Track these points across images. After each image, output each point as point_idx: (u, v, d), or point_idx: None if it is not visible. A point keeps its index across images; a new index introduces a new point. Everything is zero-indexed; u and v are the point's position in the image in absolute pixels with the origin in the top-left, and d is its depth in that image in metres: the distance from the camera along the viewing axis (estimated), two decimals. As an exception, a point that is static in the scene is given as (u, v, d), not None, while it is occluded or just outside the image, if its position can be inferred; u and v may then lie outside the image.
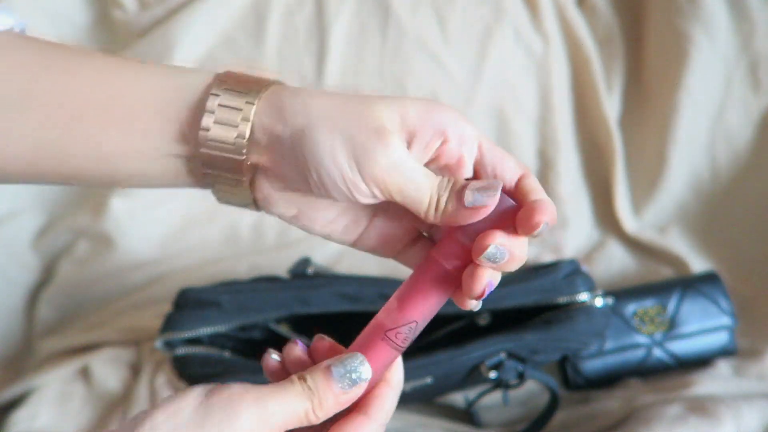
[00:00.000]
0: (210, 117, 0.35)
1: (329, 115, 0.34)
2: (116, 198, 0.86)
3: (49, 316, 0.84)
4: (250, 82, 0.36)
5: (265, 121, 0.35)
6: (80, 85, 0.36)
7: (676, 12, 0.84)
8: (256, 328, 0.67)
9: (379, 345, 0.36)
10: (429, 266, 0.36)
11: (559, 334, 0.63)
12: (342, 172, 0.34)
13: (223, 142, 0.35)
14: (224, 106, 0.35)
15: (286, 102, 0.35)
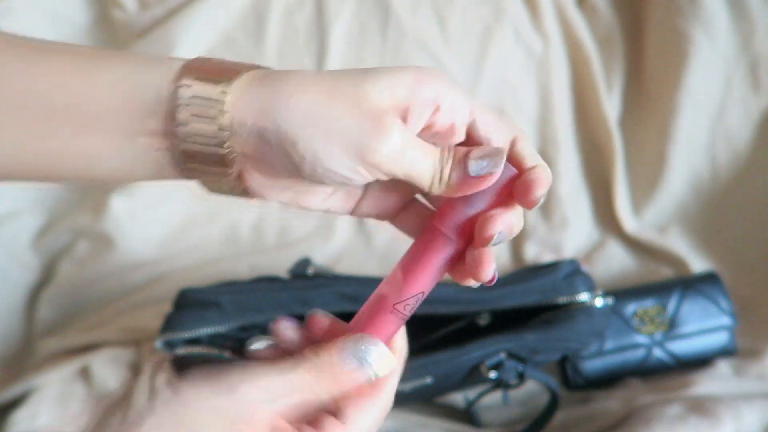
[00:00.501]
0: (185, 110, 0.33)
1: (319, 113, 0.33)
2: (116, 198, 0.86)
3: (49, 316, 0.84)
4: (223, 70, 0.34)
5: (246, 115, 0.33)
6: (46, 85, 0.34)
7: (676, 12, 0.84)
8: (256, 328, 0.67)
9: (388, 318, 0.35)
10: (432, 237, 0.36)
11: (559, 334, 0.63)
12: (342, 166, 0.33)
13: (204, 135, 0.33)
14: (197, 97, 0.33)
15: (268, 97, 0.33)
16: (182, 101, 0.33)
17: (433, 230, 0.36)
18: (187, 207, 0.90)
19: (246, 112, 0.33)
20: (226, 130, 0.33)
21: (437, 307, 0.63)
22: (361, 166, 0.33)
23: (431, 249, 0.35)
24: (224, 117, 0.33)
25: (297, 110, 0.33)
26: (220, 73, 0.34)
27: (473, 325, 0.66)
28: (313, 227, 0.91)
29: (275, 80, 0.34)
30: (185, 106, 0.33)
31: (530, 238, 0.89)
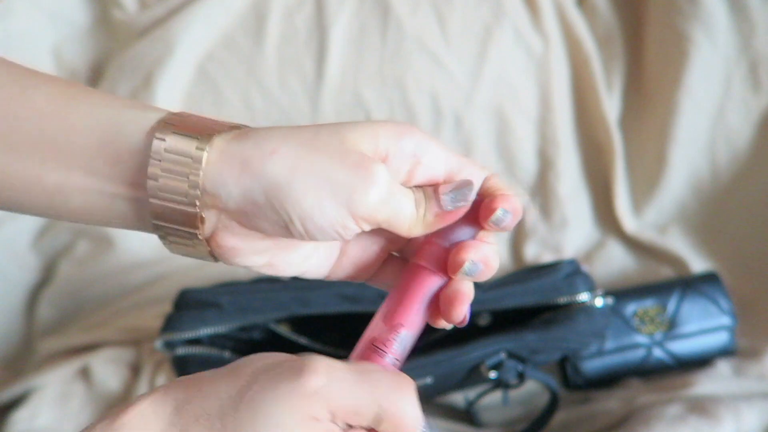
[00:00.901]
0: (156, 165, 0.32)
1: (304, 166, 0.32)
2: (116, 198, 0.86)
3: (49, 316, 0.84)
4: (199, 126, 0.33)
5: (226, 174, 0.32)
6: (17, 117, 0.33)
7: (676, 12, 0.84)
8: (256, 328, 0.67)
9: (371, 358, 0.34)
10: (411, 271, 0.36)
11: (559, 334, 0.63)
12: (332, 219, 0.32)
13: (173, 193, 0.32)
14: (171, 152, 0.32)
15: (249, 153, 0.32)
16: (155, 155, 0.32)
17: (412, 267, 0.36)
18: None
19: (226, 170, 0.32)
20: (198, 189, 0.32)
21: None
22: (349, 218, 0.33)
23: (410, 282, 0.35)
24: (198, 176, 0.32)
25: (282, 165, 0.32)
26: (197, 130, 0.33)
27: (473, 325, 0.66)
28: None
29: (254, 136, 0.33)
30: (157, 160, 0.32)
31: (530, 238, 0.89)
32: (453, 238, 0.35)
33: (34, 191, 0.34)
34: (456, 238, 0.35)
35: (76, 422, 0.70)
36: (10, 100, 0.34)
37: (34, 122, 0.33)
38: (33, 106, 0.34)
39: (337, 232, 0.33)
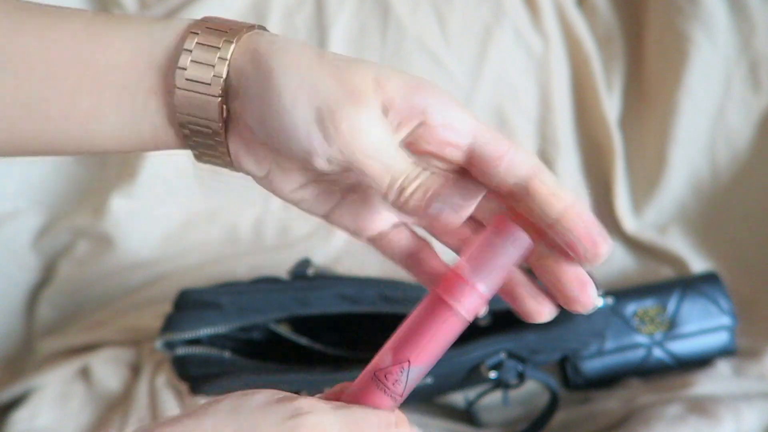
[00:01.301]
0: (187, 55, 0.33)
1: (301, 65, 0.32)
2: (116, 198, 0.86)
3: (49, 316, 0.84)
4: (232, 24, 0.35)
5: (239, 62, 0.33)
6: (55, 44, 0.34)
7: (676, 12, 0.84)
8: (256, 328, 0.67)
9: (371, 388, 0.32)
10: (433, 306, 0.32)
11: (559, 334, 0.63)
12: (299, 124, 0.31)
13: (200, 81, 0.33)
14: (202, 44, 0.33)
15: (262, 44, 0.33)
16: (187, 47, 0.33)
17: (434, 298, 0.32)
18: (187, 207, 0.90)
19: (238, 58, 0.33)
20: (222, 77, 0.33)
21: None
22: (318, 133, 0.31)
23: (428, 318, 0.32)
24: (222, 65, 0.33)
25: (282, 58, 0.32)
26: (228, 25, 0.34)
27: (473, 325, 0.66)
28: (313, 227, 0.91)
29: (276, 37, 0.34)
30: (188, 51, 0.33)
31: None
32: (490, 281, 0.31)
33: (70, 119, 0.35)
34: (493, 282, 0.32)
35: (76, 422, 0.70)
36: (44, 30, 0.35)
37: (68, 47, 0.34)
38: (68, 32, 0.35)
39: (304, 147, 0.32)
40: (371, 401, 0.32)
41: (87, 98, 0.35)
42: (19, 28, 0.35)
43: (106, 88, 0.34)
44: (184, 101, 0.34)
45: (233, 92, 0.34)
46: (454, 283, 0.31)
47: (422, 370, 0.32)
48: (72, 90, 0.35)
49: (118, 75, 0.34)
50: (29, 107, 0.35)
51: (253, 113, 0.33)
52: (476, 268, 0.31)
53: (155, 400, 0.70)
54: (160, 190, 0.88)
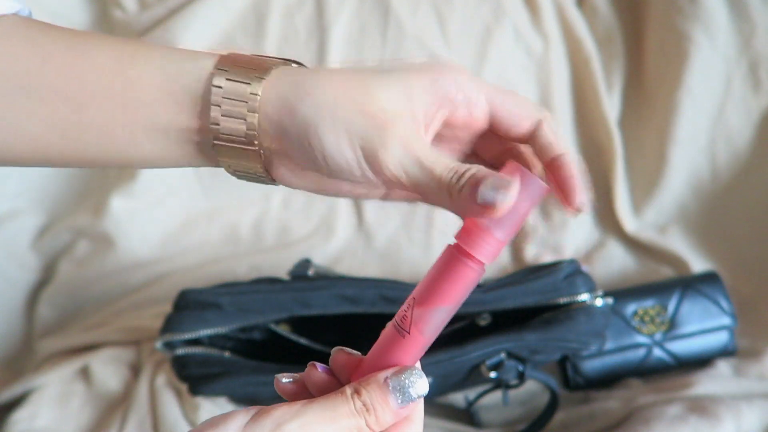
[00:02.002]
0: (217, 110, 0.35)
1: (332, 109, 0.34)
2: (116, 198, 0.86)
3: (49, 316, 0.84)
4: (251, 68, 0.36)
5: (271, 113, 0.35)
6: (88, 75, 0.36)
7: (676, 12, 0.84)
8: (257, 328, 0.67)
9: (391, 335, 0.34)
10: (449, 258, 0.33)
11: (559, 334, 0.63)
12: (351, 164, 0.34)
13: (234, 135, 0.35)
14: (229, 98, 0.35)
15: (291, 92, 0.35)
16: (214, 102, 0.35)
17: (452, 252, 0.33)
18: (187, 207, 0.90)
19: (270, 108, 0.35)
20: (254, 130, 0.35)
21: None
22: (369, 171, 0.34)
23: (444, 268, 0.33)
24: (253, 117, 0.35)
25: (313, 104, 0.34)
26: (248, 72, 0.35)
27: (474, 325, 0.66)
28: (313, 227, 0.91)
29: (298, 77, 0.36)
30: (217, 106, 0.35)
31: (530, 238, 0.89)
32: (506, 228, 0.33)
33: (106, 144, 0.37)
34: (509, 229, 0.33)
35: (76, 422, 0.70)
36: (73, 61, 0.36)
37: (98, 80, 0.36)
38: (95, 64, 0.36)
39: (362, 176, 0.35)
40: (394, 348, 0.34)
41: (121, 130, 0.36)
42: (47, 58, 0.36)
43: (138, 122, 0.36)
44: (221, 148, 0.36)
45: (268, 136, 0.35)
46: (471, 232, 0.33)
47: (442, 312, 0.33)
48: (106, 121, 0.36)
49: (148, 112, 0.36)
50: (63, 133, 0.36)
51: (300, 155, 0.35)
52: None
53: (155, 400, 0.70)
54: (160, 190, 0.88)
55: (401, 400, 0.32)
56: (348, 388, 0.33)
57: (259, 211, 0.91)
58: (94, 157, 0.38)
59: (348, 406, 0.32)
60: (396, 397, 0.32)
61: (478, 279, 0.34)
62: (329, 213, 0.91)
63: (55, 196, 0.89)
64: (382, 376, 0.33)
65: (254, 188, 0.92)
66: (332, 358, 0.35)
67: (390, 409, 0.32)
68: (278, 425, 0.31)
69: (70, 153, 0.37)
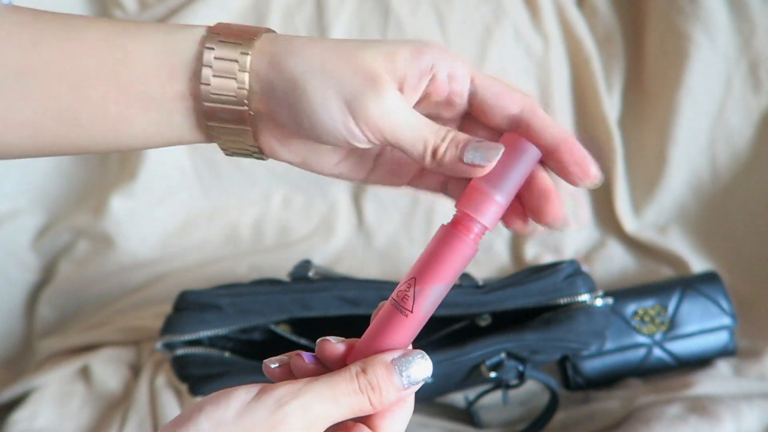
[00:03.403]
0: (208, 70, 0.36)
1: (321, 64, 0.35)
2: (116, 198, 0.86)
3: (49, 316, 0.84)
4: (243, 33, 0.36)
5: (259, 70, 0.35)
6: (79, 56, 0.36)
7: (676, 12, 0.84)
8: (257, 329, 0.67)
9: (390, 313, 0.34)
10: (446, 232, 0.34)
11: (559, 334, 0.63)
12: (335, 119, 0.34)
13: (225, 94, 0.36)
14: (220, 58, 0.35)
15: (279, 50, 0.35)
16: (206, 62, 0.36)
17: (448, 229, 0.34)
18: (187, 207, 0.90)
19: (260, 66, 0.35)
20: (245, 88, 0.35)
21: (437, 309, 0.62)
22: (353, 123, 0.34)
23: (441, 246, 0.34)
24: (243, 75, 0.35)
25: (301, 61, 0.35)
26: (239, 36, 0.36)
27: (474, 326, 0.66)
28: (313, 227, 0.91)
29: (286, 39, 0.36)
30: (208, 66, 0.35)
31: (530, 238, 0.89)
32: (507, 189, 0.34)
33: (99, 124, 0.37)
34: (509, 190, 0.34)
35: (76, 422, 0.70)
36: (65, 41, 0.36)
37: (91, 58, 0.36)
38: (87, 43, 0.36)
39: (343, 136, 0.35)
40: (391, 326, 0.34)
41: (115, 106, 0.36)
42: (39, 40, 0.36)
43: (132, 97, 0.36)
44: (211, 111, 0.36)
45: (257, 96, 0.36)
46: (472, 197, 0.34)
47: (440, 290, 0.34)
48: (100, 99, 0.36)
49: (142, 85, 0.36)
50: (58, 114, 0.36)
51: (285, 115, 0.36)
52: (492, 181, 0.34)
53: (155, 400, 0.70)
54: (160, 190, 0.88)
55: (407, 382, 0.33)
56: (353, 367, 0.33)
57: (259, 211, 0.91)
58: (88, 140, 0.38)
59: (352, 384, 0.32)
60: (402, 378, 0.33)
61: (474, 254, 0.34)
62: (329, 213, 0.91)
63: (55, 196, 0.89)
64: (389, 357, 0.33)
65: (254, 188, 0.92)
66: (319, 347, 0.35)
67: (395, 390, 0.33)
68: (279, 405, 0.31)
69: (64, 137, 0.37)
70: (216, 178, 0.90)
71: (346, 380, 0.33)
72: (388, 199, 0.91)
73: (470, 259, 0.34)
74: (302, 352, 0.35)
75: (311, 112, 0.35)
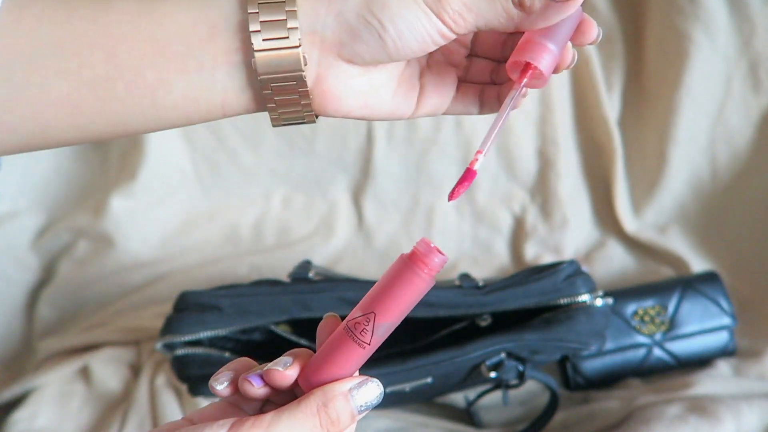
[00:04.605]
0: (255, 18, 0.35)
1: None
2: (116, 198, 0.86)
3: (49, 316, 0.84)
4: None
5: (317, 7, 0.35)
6: (111, 22, 0.35)
7: (676, 12, 0.84)
8: (257, 329, 0.67)
9: (342, 338, 0.35)
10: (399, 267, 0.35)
11: (559, 334, 0.63)
12: (422, 15, 0.34)
13: (276, 39, 0.35)
14: (267, 2, 0.35)
15: None
16: (251, 10, 0.35)
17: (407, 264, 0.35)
18: (187, 207, 0.90)
19: (317, 5, 0.35)
20: (297, 31, 0.35)
21: (437, 311, 0.63)
22: (441, 16, 0.34)
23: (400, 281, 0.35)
24: (295, 18, 0.35)
25: None
26: None
27: (474, 326, 0.66)
28: (313, 227, 0.91)
29: None
30: (255, 13, 0.34)
31: (530, 238, 0.89)
32: (562, 38, 0.37)
33: (137, 91, 0.36)
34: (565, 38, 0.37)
35: (76, 422, 0.70)
36: (98, 10, 0.35)
37: (125, 24, 0.35)
38: (120, 9, 0.36)
39: (428, 33, 0.35)
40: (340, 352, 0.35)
41: (151, 71, 0.35)
42: (71, 13, 0.35)
43: (170, 59, 0.35)
44: (265, 61, 0.35)
45: (321, 34, 0.35)
46: (528, 48, 0.37)
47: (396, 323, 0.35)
48: (135, 66, 0.35)
49: (180, 45, 0.35)
50: (93, 87, 0.36)
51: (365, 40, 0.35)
52: (547, 35, 0.37)
53: (155, 401, 0.70)
54: (160, 190, 0.88)
55: (363, 409, 0.34)
56: (313, 401, 0.33)
57: (259, 211, 0.91)
58: (126, 114, 0.37)
59: (314, 420, 0.33)
60: (358, 407, 0.34)
61: (428, 289, 0.35)
62: (329, 213, 0.91)
63: (55, 196, 0.89)
64: (346, 386, 0.34)
65: (254, 188, 0.92)
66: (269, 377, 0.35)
67: (352, 419, 0.34)
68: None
69: (100, 112, 0.36)
70: (216, 178, 0.90)
71: (308, 417, 0.33)
72: (388, 199, 0.91)
73: (424, 292, 0.35)
74: (249, 375, 0.34)
75: (393, 18, 0.34)
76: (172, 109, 0.37)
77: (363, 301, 0.36)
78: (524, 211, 0.90)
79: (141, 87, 0.36)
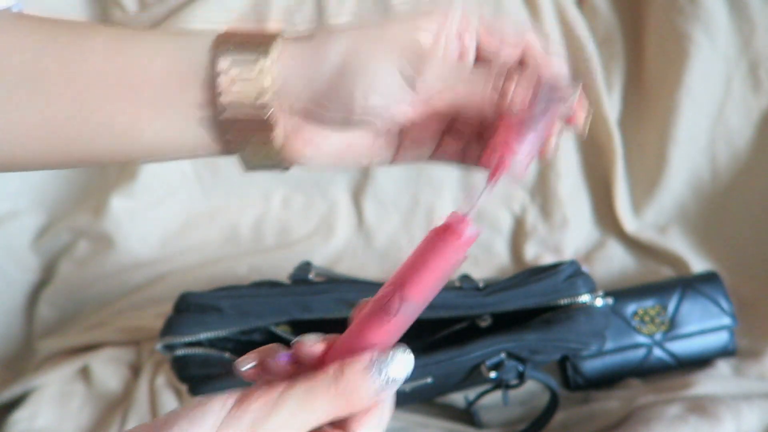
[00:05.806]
0: (225, 77, 0.34)
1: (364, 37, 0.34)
2: (116, 198, 0.86)
3: (49, 316, 0.84)
4: (256, 35, 0.35)
5: (289, 70, 0.34)
6: (85, 61, 0.34)
7: (676, 12, 0.84)
8: (257, 330, 0.67)
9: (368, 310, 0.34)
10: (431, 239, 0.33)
11: (559, 334, 0.63)
12: (395, 80, 0.34)
13: (245, 99, 0.34)
14: (239, 60, 0.34)
15: (308, 45, 0.34)
16: (222, 68, 0.34)
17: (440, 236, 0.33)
18: (187, 207, 0.90)
19: (290, 67, 0.34)
20: (268, 92, 0.34)
21: (438, 312, 0.63)
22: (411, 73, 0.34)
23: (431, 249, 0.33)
24: (265, 78, 0.34)
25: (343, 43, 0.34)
26: (255, 39, 0.35)
27: (474, 326, 0.66)
28: (313, 227, 0.91)
29: (315, 33, 0.35)
30: (225, 72, 0.34)
31: (530, 238, 0.89)
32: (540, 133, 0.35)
33: (106, 134, 0.35)
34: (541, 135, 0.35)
35: (76, 422, 0.70)
36: (71, 47, 0.35)
37: (97, 64, 0.34)
38: (93, 48, 0.35)
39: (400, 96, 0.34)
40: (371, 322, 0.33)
41: (123, 115, 0.35)
42: (45, 46, 0.35)
43: (143, 103, 0.35)
44: (229, 120, 0.34)
45: (289, 95, 0.34)
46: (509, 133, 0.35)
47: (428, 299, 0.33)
48: (107, 107, 0.35)
49: (151, 92, 0.34)
50: (62, 124, 0.35)
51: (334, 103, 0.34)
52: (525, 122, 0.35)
53: (155, 400, 0.70)
54: (160, 190, 0.88)
55: (386, 382, 0.31)
56: (330, 371, 0.31)
57: (259, 211, 0.91)
58: (95, 150, 0.36)
59: (329, 391, 0.31)
60: (380, 378, 0.31)
61: (460, 263, 0.33)
62: (329, 213, 0.91)
63: (55, 196, 0.89)
64: (367, 356, 0.31)
65: (254, 188, 0.92)
66: (295, 350, 0.34)
67: (372, 392, 0.31)
68: (254, 426, 0.30)
69: (68, 146, 0.36)
70: (216, 178, 0.90)
71: (323, 388, 0.31)
72: (388, 199, 0.91)
73: (461, 263, 0.33)
74: (278, 352, 0.34)
75: (365, 87, 0.34)
76: (141, 150, 0.36)
77: (393, 275, 0.34)
78: (524, 211, 0.90)
79: (112, 128, 0.35)
